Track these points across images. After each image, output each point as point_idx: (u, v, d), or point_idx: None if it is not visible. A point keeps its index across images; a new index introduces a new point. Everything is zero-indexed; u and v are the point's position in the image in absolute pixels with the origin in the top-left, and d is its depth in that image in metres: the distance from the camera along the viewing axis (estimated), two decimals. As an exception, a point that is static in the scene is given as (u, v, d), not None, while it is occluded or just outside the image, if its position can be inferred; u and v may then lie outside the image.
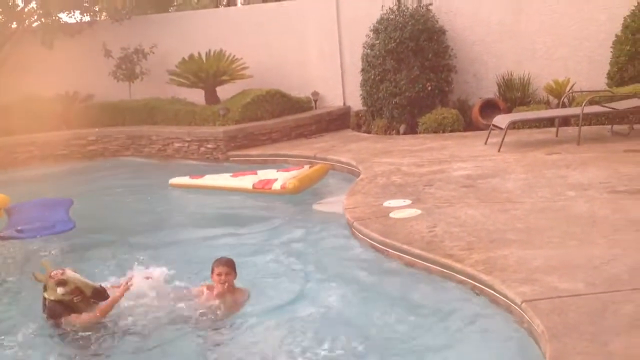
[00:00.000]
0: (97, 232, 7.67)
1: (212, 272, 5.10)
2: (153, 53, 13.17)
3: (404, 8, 11.10)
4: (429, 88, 10.75)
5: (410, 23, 10.78)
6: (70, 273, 4.85)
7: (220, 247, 6.66)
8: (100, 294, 4.93)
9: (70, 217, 7.64)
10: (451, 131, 10.40)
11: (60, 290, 4.74)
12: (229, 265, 5.11)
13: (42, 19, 13.64)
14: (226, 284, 5.03)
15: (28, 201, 8.30)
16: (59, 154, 12.23)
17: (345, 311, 4.93)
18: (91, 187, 10.24)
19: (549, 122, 9.77)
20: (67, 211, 7.85)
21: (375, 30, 11.21)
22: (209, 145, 11.19)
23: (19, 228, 7.25)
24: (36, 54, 13.18)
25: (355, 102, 12.17)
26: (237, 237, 7.08)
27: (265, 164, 10.12)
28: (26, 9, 13.67)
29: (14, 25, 13.56)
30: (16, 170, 11.38)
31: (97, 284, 4.97)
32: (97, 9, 14.30)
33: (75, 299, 4.78)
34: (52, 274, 4.82)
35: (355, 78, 11.91)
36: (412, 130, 10.87)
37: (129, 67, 13.20)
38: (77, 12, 14.28)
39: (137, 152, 12.14)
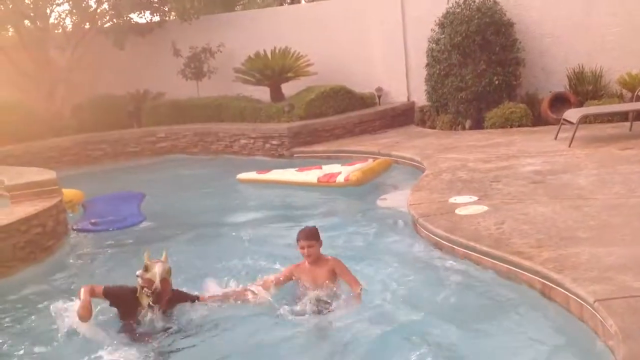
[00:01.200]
0: (168, 226, 7.90)
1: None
2: (220, 52, 13.42)
3: (471, 1, 10.93)
4: (496, 82, 10.55)
5: (476, 16, 10.62)
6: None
7: (283, 242, 6.76)
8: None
9: (141, 211, 7.91)
10: (519, 126, 10.19)
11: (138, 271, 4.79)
12: (309, 237, 5.11)
13: (114, 20, 14.08)
14: (310, 257, 5.08)
15: (102, 195, 8.63)
16: (130, 151, 12.62)
17: (406, 310, 4.86)
18: (161, 183, 10.54)
19: (623, 116, 9.46)
20: (138, 205, 8.19)
21: (441, 25, 11.08)
22: (274, 142, 11.31)
23: (92, 221, 7.60)
24: (108, 53, 13.63)
25: (420, 98, 12.08)
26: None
27: (329, 159, 10.16)
28: (98, 10, 14.14)
29: (87, 25, 14.04)
30: (89, 167, 11.77)
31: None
32: (166, 9, 14.66)
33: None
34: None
35: (419, 73, 11.81)
36: (478, 125, 10.70)
37: (197, 66, 13.50)
38: (147, 12, 14.70)
39: (204, 148, 12.39)
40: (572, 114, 8.83)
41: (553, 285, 4.50)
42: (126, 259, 6.77)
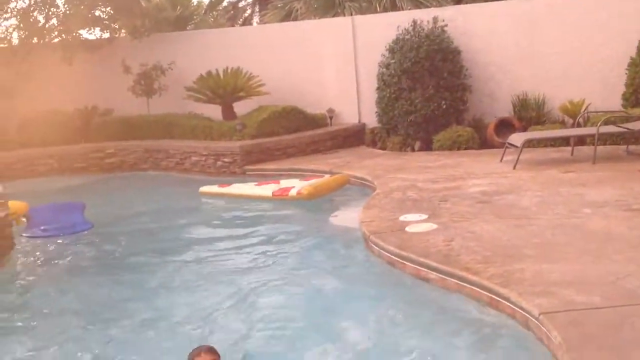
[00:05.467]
0: (116, 234, 7.98)
1: None
2: (171, 69, 13.34)
3: (420, 29, 11.22)
4: (444, 106, 10.83)
5: (425, 43, 10.91)
6: None
7: (233, 256, 6.93)
8: None
9: (86, 219, 8.18)
10: (466, 149, 10.47)
11: None
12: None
13: (63, 35, 13.86)
14: None
15: (44, 205, 8.70)
16: (78, 167, 12.38)
17: (359, 326, 4.94)
18: (110, 196, 10.47)
19: (565, 141, 9.81)
20: (82, 213, 8.29)
21: (391, 50, 11.34)
22: (226, 159, 11.30)
23: (42, 228, 7.84)
24: (56, 68, 13.36)
25: (371, 119, 12.26)
26: (252, 247, 7.21)
27: (280, 177, 10.21)
28: (47, 25, 13.90)
29: (35, 40, 13.78)
30: (35, 182, 11.49)
31: None
32: (116, 27, 14.52)
33: None
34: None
35: (370, 96, 12.02)
36: (427, 147, 10.94)
37: (147, 83, 13.35)
38: (97, 29, 14.52)
39: (154, 165, 12.27)
40: (517, 138, 9.13)
41: (500, 299, 4.65)
42: (74, 270, 6.74)
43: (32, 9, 13.71)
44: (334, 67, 12.91)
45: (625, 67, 10.29)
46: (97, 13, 14.16)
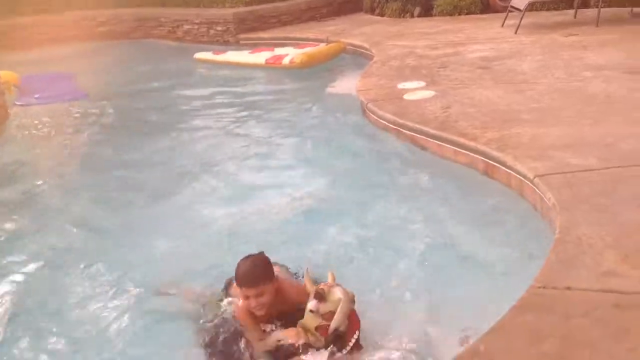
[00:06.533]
0: (110, 103, 7.91)
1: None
2: None
3: None
4: (446, -32, 10.39)
5: None
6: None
7: (229, 125, 6.93)
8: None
9: (80, 87, 8.25)
10: (467, 14, 10.17)
11: (311, 304, 3.00)
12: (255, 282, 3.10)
13: None
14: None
15: (35, 74, 8.71)
16: (69, 35, 12.04)
17: (353, 192, 4.99)
18: (105, 65, 10.25)
19: (568, 3, 9.53)
20: (74, 82, 8.48)
21: None
22: (219, 28, 11.02)
23: (36, 96, 7.84)
24: None
25: (369, -16, 11.80)
26: (249, 117, 7.17)
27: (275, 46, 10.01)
28: None
29: None
30: (27, 52, 11.22)
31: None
32: None
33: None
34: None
35: (369, -43, 11.51)
36: (427, 13, 10.62)
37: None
38: None
39: (146, 34, 11.98)
40: (520, 1, 8.83)
41: (495, 164, 4.66)
42: (69, 137, 6.83)
43: None
44: None
45: None
46: None
